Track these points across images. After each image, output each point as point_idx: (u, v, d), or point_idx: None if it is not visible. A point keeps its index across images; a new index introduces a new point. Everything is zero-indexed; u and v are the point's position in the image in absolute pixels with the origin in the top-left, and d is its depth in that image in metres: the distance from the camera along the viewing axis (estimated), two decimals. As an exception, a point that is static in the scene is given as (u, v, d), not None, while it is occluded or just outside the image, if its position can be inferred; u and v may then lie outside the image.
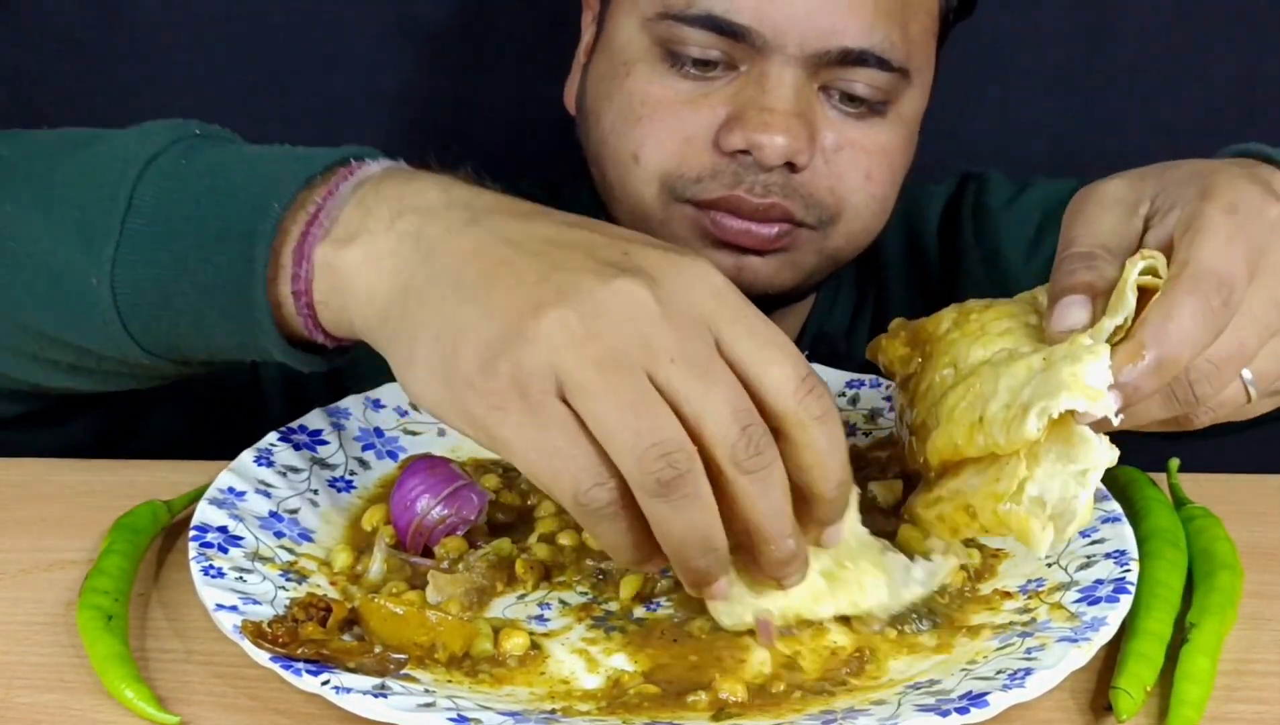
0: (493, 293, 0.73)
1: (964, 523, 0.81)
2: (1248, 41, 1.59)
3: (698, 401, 0.71)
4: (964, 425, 0.79)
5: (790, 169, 1.13)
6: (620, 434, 0.70)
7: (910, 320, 0.93)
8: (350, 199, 0.81)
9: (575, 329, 0.71)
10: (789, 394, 0.73)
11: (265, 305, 0.81)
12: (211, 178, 0.84)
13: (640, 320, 0.71)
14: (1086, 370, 0.74)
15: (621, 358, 0.71)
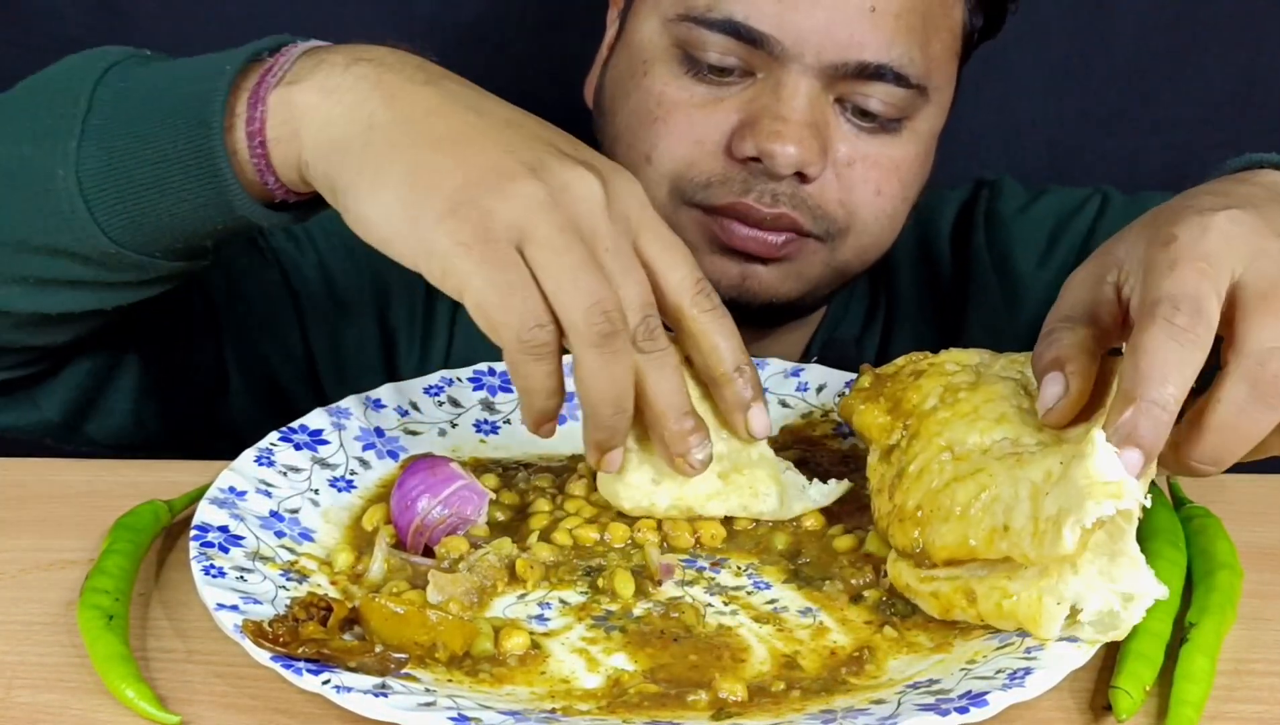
0: (465, 150, 0.82)
1: (961, 606, 0.81)
2: (1248, 41, 1.59)
3: (619, 285, 0.82)
4: (983, 529, 0.79)
5: (800, 179, 1.13)
6: (571, 289, 0.80)
7: (878, 373, 0.92)
8: (300, 57, 0.89)
9: (542, 197, 0.81)
10: (686, 291, 0.86)
11: (223, 152, 0.88)
12: (165, 72, 0.92)
13: (592, 205, 0.82)
14: (1095, 466, 0.74)
15: (575, 230, 0.81)
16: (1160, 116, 1.61)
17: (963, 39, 1.20)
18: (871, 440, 0.90)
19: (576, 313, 0.80)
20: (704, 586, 0.86)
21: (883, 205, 1.17)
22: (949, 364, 0.90)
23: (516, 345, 0.80)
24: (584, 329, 0.80)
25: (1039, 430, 0.83)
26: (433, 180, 0.81)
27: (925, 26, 1.14)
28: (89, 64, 0.94)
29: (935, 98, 1.17)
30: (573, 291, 0.80)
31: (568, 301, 0.80)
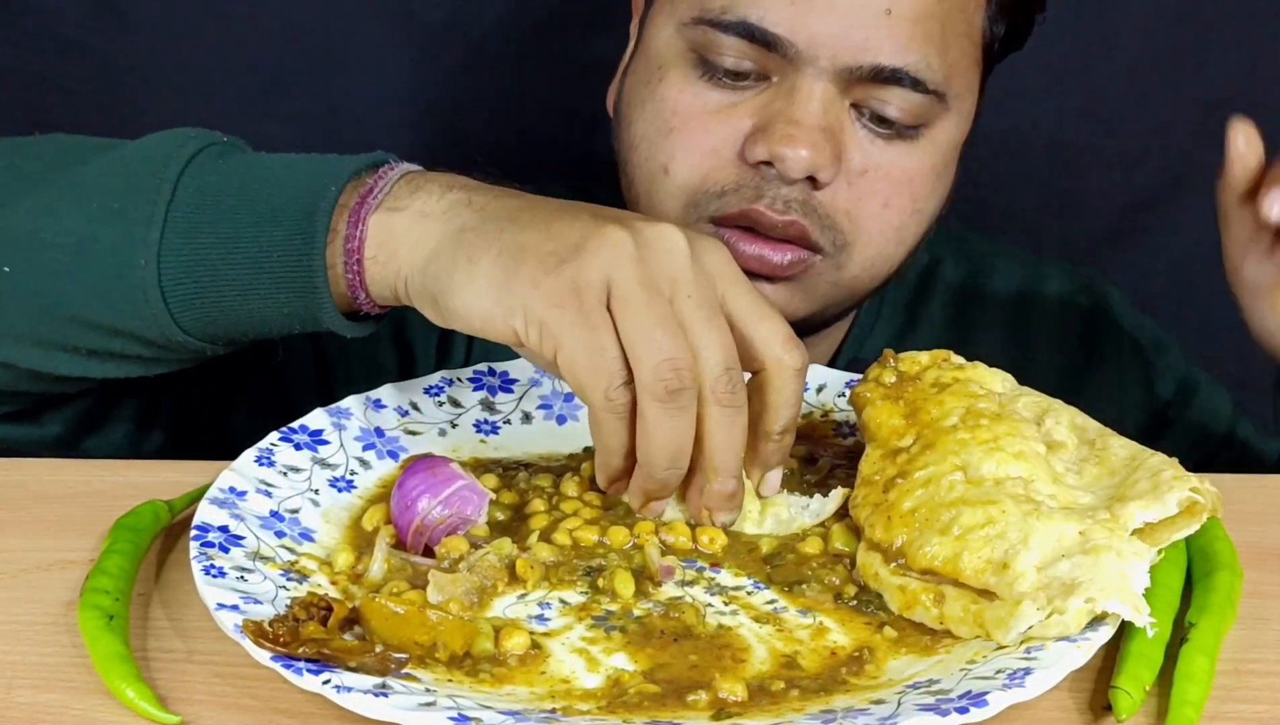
0: (552, 224, 0.86)
1: (925, 605, 0.81)
2: (1248, 41, 1.59)
3: (700, 335, 0.84)
4: (980, 557, 0.80)
5: (812, 185, 1.12)
6: (646, 343, 0.82)
7: (901, 370, 0.92)
8: (399, 181, 0.91)
9: (628, 250, 0.84)
10: (779, 343, 0.87)
11: (322, 268, 0.90)
12: (250, 172, 0.93)
13: (675, 257, 0.85)
14: (1134, 575, 0.78)
15: (657, 283, 0.84)
16: (1160, 116, 1.61)
17: (984, 47, 1.18)
18: (878, 438, 0.90)
19: (647, 367, 0.82)
20: (704, 586, 0.86)
21: (889, 218, 1.15)
22: (974, 385, 0.90)
23: (602, 405, 0.83)
24: (651, 383, 0.82)
25: (1053, 482, 0.84)
26: (523, 252, 0.84)
27: (944, 32, 1.12)
28: (171, 147, 0.94)
29: (955, 106, 1.16)
30: (646, 346, 0.82)
31: (640, 355, 0.82)
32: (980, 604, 0.79)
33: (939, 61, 1.12)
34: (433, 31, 1.53)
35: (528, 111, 1.56)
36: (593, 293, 0.83)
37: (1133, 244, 1.67)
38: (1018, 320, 1.37)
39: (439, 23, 1.53)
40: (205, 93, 1.53)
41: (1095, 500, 0.83)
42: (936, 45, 1.12)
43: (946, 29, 1.13)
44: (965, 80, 1.17)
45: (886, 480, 0.87)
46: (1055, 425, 0.89)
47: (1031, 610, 0.77)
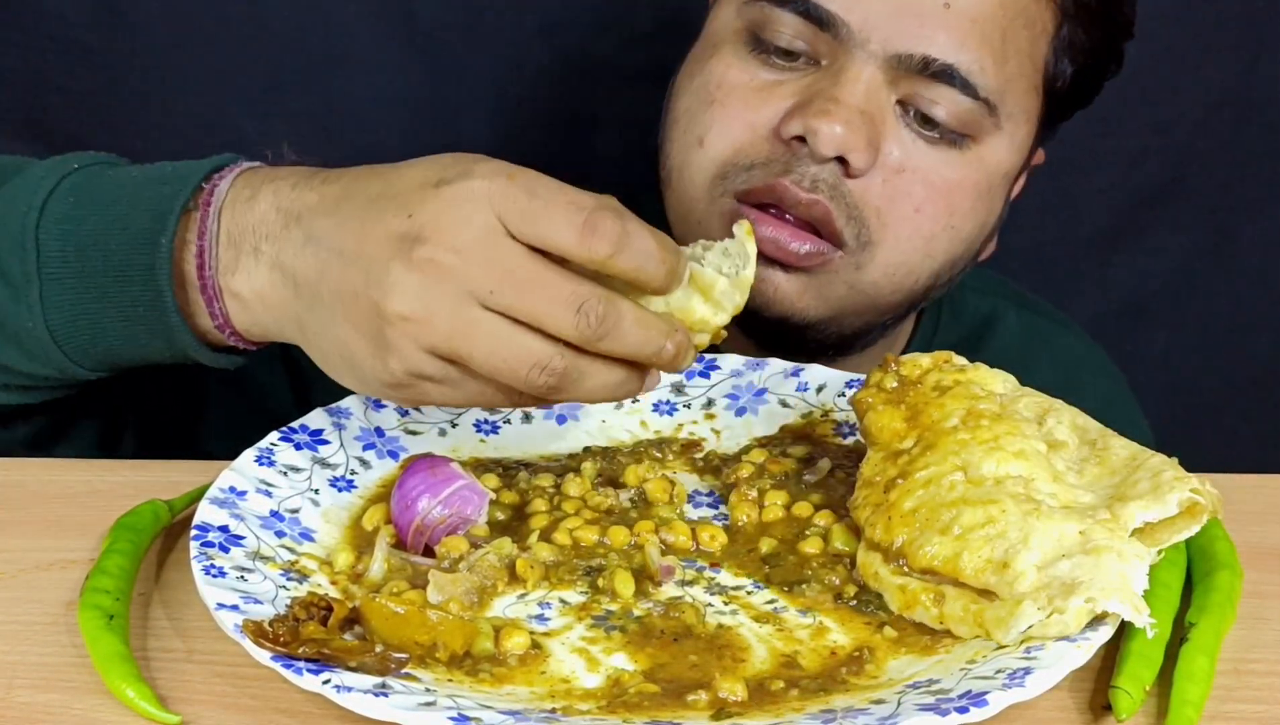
0: (346, 310, 0.83)
1: (925, 605, 0.82)
2: (1248, 41, 1.59)
3: (526, 314, 0.80)
4: (980, 556, 0.80)
5: (844, 169, 1.10)
6: (502, 372, 0.81)
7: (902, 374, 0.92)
8: (220, 237, 0.89)
9: (410, 315, 0.80)
10: (577, 249, 0.80)
11: (189, 333, 0.91)
12: (100, 214, 0.92)
13: (448, 280, 0.80)
14: (1134, 575, 0.78)
15: (456, 314, 0.80)
16: (1160, 116, 1.61)
17: (1045, 79, 1.15)
18: (879, 442, 0.91)
19: (519, 382, 0.81)
20: (704, 586, 0.86)
21: (920, 225, 1.13)
22: (975, 387, 0.90)
23: (527, 387, 0.82)
24: (534, 390, 0.82)
25: (1054, 480, 0.84)
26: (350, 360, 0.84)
27: (1004, 42, 1.10)
28: (27, 195, 0.94)
29: (1008, 127, 1.13)
30: (502, 370, 0.81)
31: (505, 378, 0.81)
32: (980, 604, 0.80)
33: (994, 69, 1.10)
34: (433, 31, 1.53)
35: (527, 112, 1.56)
36: (428, 370, 0.82)
37: (1133, 244, 1.67)
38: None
39: (439, 23, 1.53)
40: (205, 93, 1.53)
41: (1096, 499, 0.83)
42: (994, 52, 1.10)
43: (1007, 40, 1.11)
44: (1021, 103, 1.14)
45: (887, 481, 0.87)
46: (1057, 425, 0.89)
47: (1032, 610, 0.77)
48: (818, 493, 0.94)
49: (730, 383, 1.06)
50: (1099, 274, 1.67)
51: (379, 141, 1.50)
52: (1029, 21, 1.13)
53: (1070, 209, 1.66)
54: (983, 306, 1.36)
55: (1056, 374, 1.32)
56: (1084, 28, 1.16)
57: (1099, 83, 1.22)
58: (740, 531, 0.91)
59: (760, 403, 1.05)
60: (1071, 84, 1.18)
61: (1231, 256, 1.68)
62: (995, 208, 1.19)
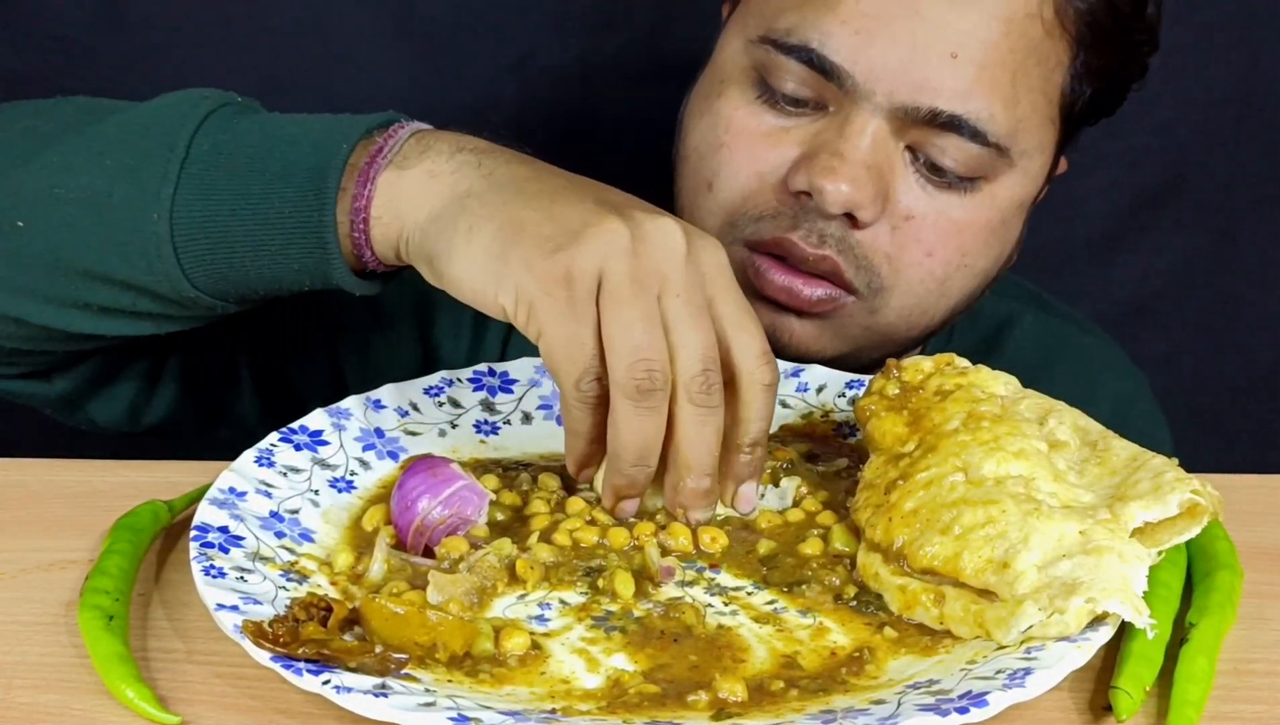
0: (555, 204, 0.86)
1: (925, 605, 0.82)
2: (1248, 41, 1.59)
3: (682, 334, 0.84)
4: (980, 556, 0.80)
5: (852, 223, 1.09)
6: (625, 339, 0.83)
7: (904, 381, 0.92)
8: (409, 140, 0.92)
9: (624, 242, 0.84)
10: (753, 356, 0.87)
11: (332, 226, 0.91)
12: (264, 131, 0.94)
13: (670, 254, 0.85)
14: (1135, 577, 0.78)
15: (648, 278, 0.84)
16: (1160, 116, 1.61)
17: (1062, 105, 1.13)
18: (881, 447, 0.91)
19: (621, 363, 0.83)
20: (704, 587, 0.86)
21: (932, 268, 1.11)
22: (976, 390, 0.90)
23: (572, 394, 0.85)
24: (624, 380, 0.83)
25: (1054, 479, 0.84)
26: (523, 230, 0.85)
27: (1014, 84, 1.08)
28: (186, 106, 0.96)
29: (1021, 163, 1.11)
30: (624, 341, 0.83)
31: (617, 349, 0.83)
32: (981, 604, 0.79)
33: (1004, 114, 1.08)
34: (433, 31, 1.53)
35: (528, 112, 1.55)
36: (583, 284, 0.83)
37: (1133, 244, 1.67)
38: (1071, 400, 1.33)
39: (439, 23, 1.53)
40: (205, 93, 1.52)
41: (1096, 499, 0.83)
42: (1004, 96, 1.08)
43: (1018, 81, 1.08)
44: (1035, 138, 1.12)
45: (888, 482, 0.87)
46: (1058, 425, 0.89)
47: (1032, 610, 0.77)
48: (825, 489, 0.94)
49: (730, 383, 1.06)
50: (1099, 274, 1.67)
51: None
52: (1041, 59, 1.10)
53: (1070, 209, 1.66)
54: (999, 310, 1.35)
55: (1075, 376, 1.33)
56: (1102, 53, 1.13)
57: (1123, 94, 1.20)
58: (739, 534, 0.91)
59: (760, 403, 1.05)
60: (1091, 100, 1.16)
61: (1232, 256, 1.68)
62: (1011, 236, 1.17)
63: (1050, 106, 1.13)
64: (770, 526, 0.91)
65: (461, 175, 0.89)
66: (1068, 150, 1.23)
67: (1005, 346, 1.34)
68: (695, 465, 0.87)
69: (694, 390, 0.85)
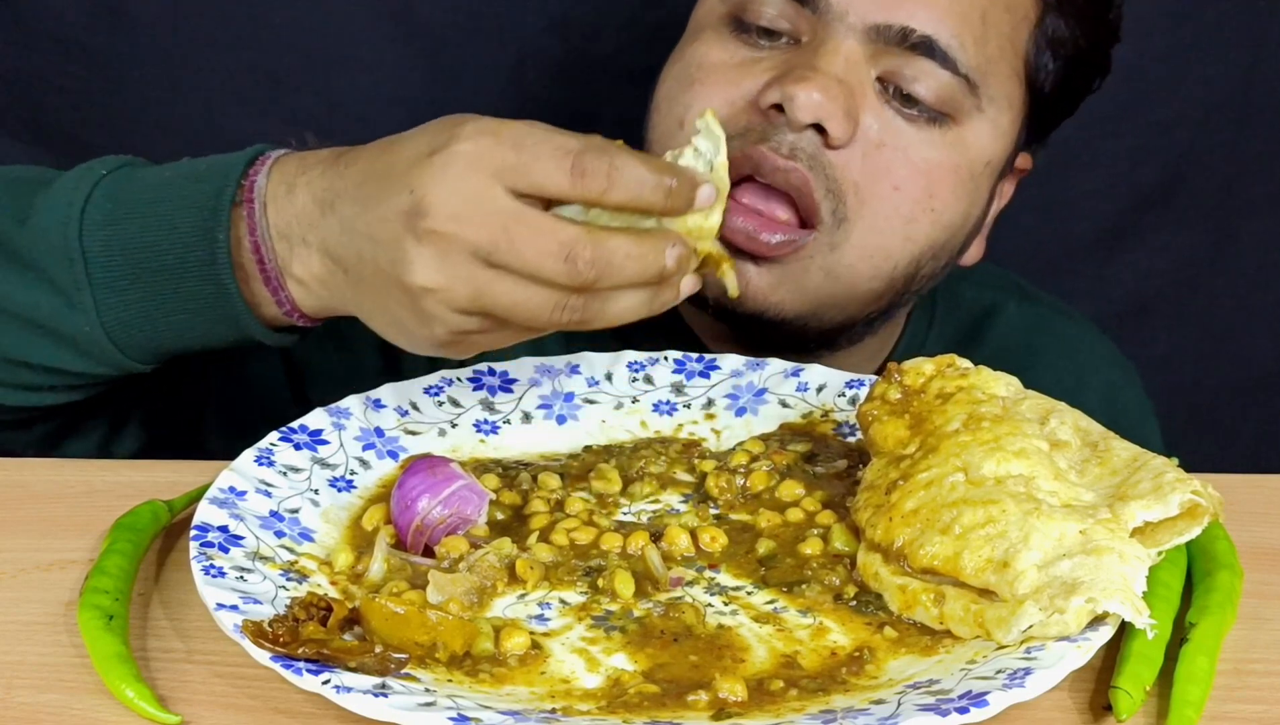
0: (386, 290, 0.87)
1: (925, 605, 0.82)
2: (1248, 41, 1.59)
3: (524, 267, 0.83)
4: (980, 556, 0.80)
5: (823, 138, 1.09)
6: (525, 320, 0.85)
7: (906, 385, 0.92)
8: (270, 231, 0.93)
9: (438, 287, 0.84)
10: (570, 192, 0.84)
11: (254, 319, 0.95)
12: (142, 216, 0.95)
13: (455, 247, 0.84)
14: (1136, 577, 0.78)
15: (471, 278, 0.84)
16: (1160, 116, 1.61)
17: (1028, 69, 1.16)
18: (883, 451, 0.91)
19: (546, 323, 0.85)
20: (704, 586, 0.86)
21: (899, 204, 1.12)
22: (977, 391, 0.90)
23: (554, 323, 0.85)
24: (568, 327, 0.85)
25: (1055, 478, 0.84)
26: (396, 328, 0.89)
27: (984, 24, 1.11)
28: (63, 205, 0.96)
29: (989, 111, 1.13)
30: (525, 315, 0.84)
31: (531, 320, 0.85)
32: (981, 604, 0.79)
33: (974, 48, 1.11)
34: (433, 31, 1.53)
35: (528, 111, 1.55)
36: (468, 326, 0.86)
37: (1133, 244, 1.67)
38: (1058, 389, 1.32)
39: (439, 23, 1.53)
40: (205, 93, 1.53)
41: (1096, 498, 0.83)
42: (973, 31, 1.11)
43: (988, 22, 1.12)
44: (1003, 88, 1.14)
45: (889, 483, 0.87)
46: (1059, 425, 0.89)
47: (1033, 610, 0.77)
48: (823, 489, 0.94)
49: (730, 383, 1.06)
50: (1099, 274, 1.67)
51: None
52: (1010, 6, 1.14)
53: (1070, 209, 1.66)
54: (982, 298, 1.35)
55: (1063, 364, 1.33)
56: (1066, 22, 1.17)
57: (1085, 87, 1.22)
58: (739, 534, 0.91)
59: (760, 403, 1.05)
60: (1057, 85, 1.18)
61: (1231, 256, 1.68)
62: (978, 199, 1.18)
63: (1017, 59, 1.15)
64: (770, 526, 0.91)
65: (329, 276, 0.92)
66: (1037, 149, 1.24)
67: (989, 335, 1.34)
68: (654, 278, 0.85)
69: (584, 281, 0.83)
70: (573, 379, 1.05)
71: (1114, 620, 0.78)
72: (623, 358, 1.06)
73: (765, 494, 0.94)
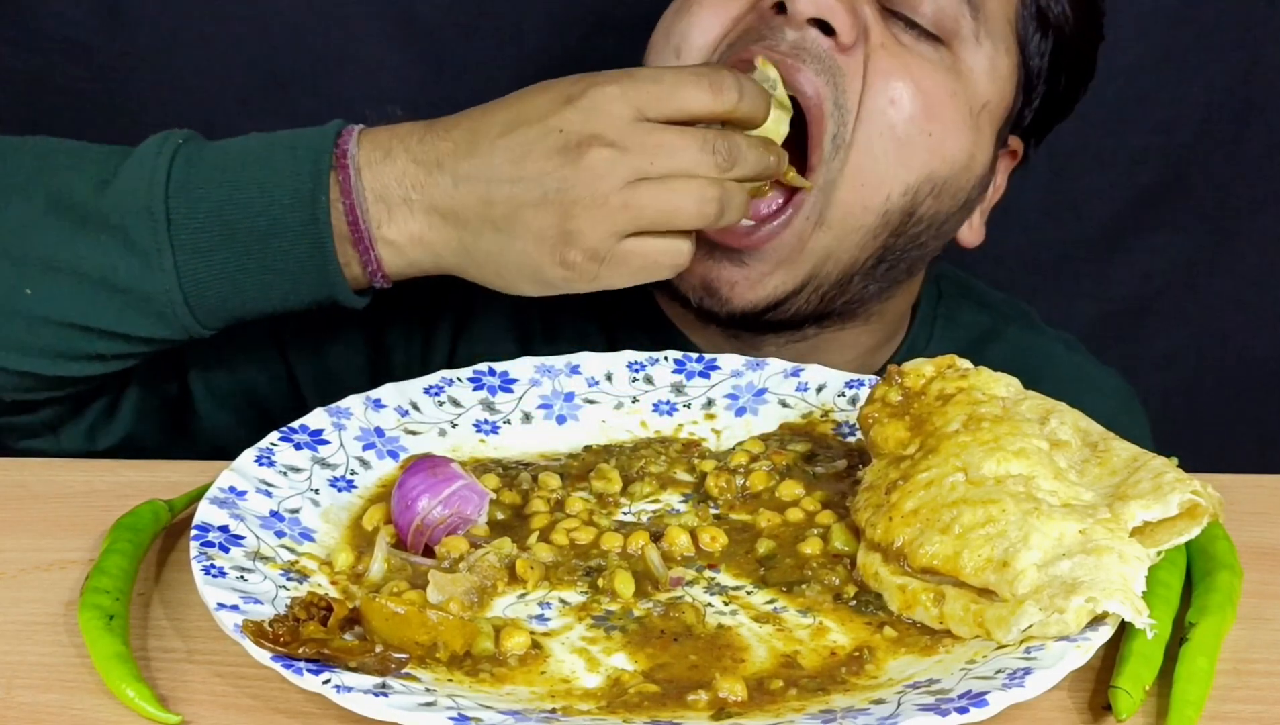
0: (527, 225, 0.97)
1: (925, 605, 0.82)
2: (1248, 41, 1.59)
3: (680, 168, 0.97)
4: (980, 555, 0.80)
5: (827, 35, 1.08)
6: (681, 217, 0.98)
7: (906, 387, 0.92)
8: (366, 195, 0.99)
9: (597, 205, 0.96)
10: (713, 105, 0.99)
11: (343, 279, 1.00)
12: (231, 181, 0.99)
13: (616, 166, 0.96)
14: (1135, 577, 0.77)
15: (632, 188, 0.96)
16: (1160, 116, 1.61)
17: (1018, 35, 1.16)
18: (884, 453, 0.91)
19: (693, 217, 0.98)
20: (704, 586, 0.87)
21: (894, 120, 1.09)
22: (978, 392, 0.90)
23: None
24: (707, 220, 0.99)
25: (1055, 477, 0.84)
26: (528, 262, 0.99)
27: None
28: (146, 170, 0.99)
29: (986, 45, 1.13)
30: (677, 215, 0.98)
31: (683, 216, 0.98)
32: (980, 603, 0.80)
33: None
34: (433, 31, 1.53)
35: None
36: (603, 248, 0.97)
37: (1133, 244, 1.67)
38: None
39: (439, 23, 1.53)
40: (205, 93, 1.53)
41: (1096, 498, 0.83)
42: None
43: None
44: (1000, 30, 1.15)
45: (889, 483, 0.87)
46: (1060, 425, 0.89)
47: (1033, 609, 0.77)
48: (823, 489, 0.94)
49: (730, 383, 1.06)
50: (1099, 274, 1.67)
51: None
52: None
53: (1070, 209, 1.66)
54: (981, 320, 1.34)
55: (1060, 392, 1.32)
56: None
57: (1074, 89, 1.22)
58: (738, 534, 0.91)
59: (760, 403, 1.05)
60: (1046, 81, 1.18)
61: (1231, 256, 1.68)
62: (980, 143, 1.15)
63: (1009, 12, 1.16)
64: (770, 526, 0.91)
65: (433, 233, 1.00)
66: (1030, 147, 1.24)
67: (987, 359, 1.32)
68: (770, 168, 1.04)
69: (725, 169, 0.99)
70: (573, 379, 1.05)
71: (1114, 620, 0.78)
72: (623, 358, 1.06)
73: (765, 494, 0.95)
